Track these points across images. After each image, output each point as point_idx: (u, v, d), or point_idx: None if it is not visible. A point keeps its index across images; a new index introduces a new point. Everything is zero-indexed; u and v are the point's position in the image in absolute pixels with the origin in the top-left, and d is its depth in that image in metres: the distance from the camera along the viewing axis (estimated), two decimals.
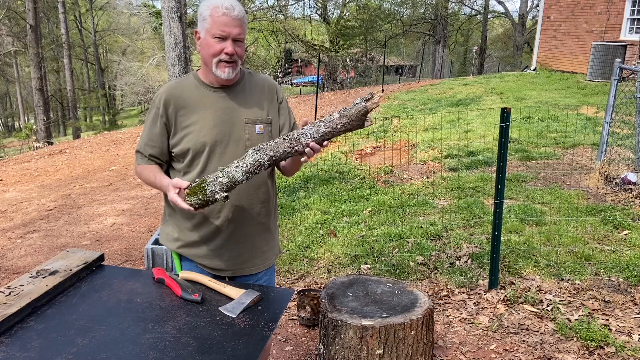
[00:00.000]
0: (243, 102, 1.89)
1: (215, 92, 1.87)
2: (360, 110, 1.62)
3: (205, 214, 1.88)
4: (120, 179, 7.47)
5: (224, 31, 1.75)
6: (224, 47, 1.76)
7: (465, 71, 30.12)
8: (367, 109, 1.62)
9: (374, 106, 1.63)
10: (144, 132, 1.90)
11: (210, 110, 1.84)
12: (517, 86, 12.99)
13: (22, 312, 1.49)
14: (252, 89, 1.93)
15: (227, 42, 1.76)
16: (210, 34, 1.77)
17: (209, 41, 1.78)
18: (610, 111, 5.47)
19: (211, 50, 1.77)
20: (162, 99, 1.84)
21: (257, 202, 1.93)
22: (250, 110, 1.89)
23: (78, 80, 32.61)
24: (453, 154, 7.01)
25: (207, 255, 1.93)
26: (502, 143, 3.21)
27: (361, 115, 1.62)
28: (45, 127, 20.00)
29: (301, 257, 4.06)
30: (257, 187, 1.92)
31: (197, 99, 1.85)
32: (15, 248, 4.75)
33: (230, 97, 1.88)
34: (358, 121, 1.63)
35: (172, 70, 6.47)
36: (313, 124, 1.67)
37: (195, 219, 1.90)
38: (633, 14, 12.88)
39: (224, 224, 1.89)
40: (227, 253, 1.93)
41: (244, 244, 1.94)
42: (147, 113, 1.93)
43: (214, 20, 1.75)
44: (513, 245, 4.02)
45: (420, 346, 2.39)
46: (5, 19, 23.24)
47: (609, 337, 2.83)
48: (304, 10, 48.50)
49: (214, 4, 1.76)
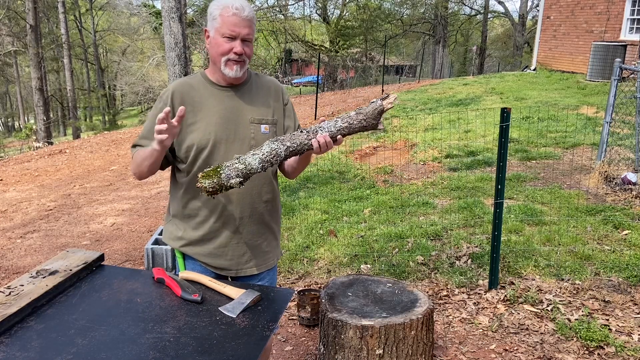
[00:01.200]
0: (249, 101, 1.90)
1: (222, 91, 1.88)
2: (376, 109, 1.68)
3: (208, 212, 1.89)
4: (120, 179, 7.47)
5: (234, 31, 1.76)
6: (232, 47, 1.77)
7: (465, 71, 30.13)
8: (383, 107, 1.67)
9: (390, 106, 1.68)
10: (144, 126, 1.89)
11: (216, 108, 1.85)
12: (517, 86, 12.99)
13: (22, 312, 1.48)
14: (259, 89, 1.94)
15: (236, 41, 1.78)
16: (220, 33, 1.78)
17: (219, 40, 1.79)
18: (610, 111, 5.47)
19: (220, 49, 1.79)
20: (170, 94, 1.85)
21: (260, 201, 1.93)
22: (257, 109, 1.90)
23: (78, 80, 32.61)
24: (453, 154, 7.01)
25: (210, 254, 1.93)
26: (502, 143, 3.21)
27: (377, 114, 1.68)
28: (45, 127, 20.01)
29: (301, 257, 4.06)
30: (261, 186, 1.92)
31: (204, 97, 1.86)
32: (15, 248, 4.75)
33: (237, 96, 1.89)
34: (373, 119, 1.69)
35: (172, 70, 6.47)
36: (330, 120, 1.72)
37: (198, 217, 1.90)
38: (633, 14, 12.88)
39: (227, 222, 1.90)
40: (230, 252, 1.93)
41: (247, 243, 1.94)
42: (152, 109, 1.93)
43: (223, 20, 1.76)
44: (513, 245, 4.02)
45: (420, 346, 2.39)
46: (5, 19, 23.24)
47: (609, 337, 2.83)
48: (304, 10, 48.52)
49: (225, 3, 1.77)
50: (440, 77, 23.00)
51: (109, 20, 34.55)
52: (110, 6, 32.44)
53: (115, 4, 32.40)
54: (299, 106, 14.96)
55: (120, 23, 33.27)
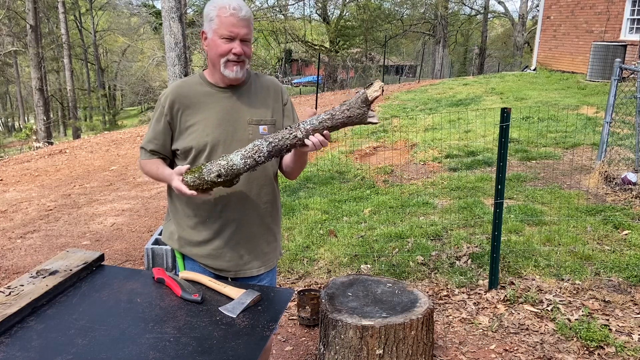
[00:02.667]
0: (248, 102, 1.89)
1: (221, 92, 1.88)
2: (359, 97, 1.59)
3: (207, 214, 1.89)
4: (120, 179, 7.47)
5: (232, 32, 1.75)
6: (231, 47, 1.77)
7: (465, 71, 30.13)
8: (366, 94, 1.58)
9: (375, 94, 1.58)
10: (149, 128, 1.92)
11: (214, 110, 1.85)
12: (517, 86, 12.99)
13: (22, 312, 1.48)
14: (258, 90, 1.94)
15: (235, 42, 1.77)
16: (218, 35, 1.77)
17: (217, 41, 1.78)
18: (610, 111, 5.47)
19: (219, 50, 1.78)
20: (168, 98, 1.85)
21: (260, 202, 1.93)
22: (255, 110, 1.89)
23: (78, 80, 32.59)
24: (453, 154, 7.01)
25: (209, 255, 1.93)
26: (502, 143, 3.21)
27: (360, 103, 1.59)
28: (45, 127, 20.00)
29: (301, 257, 4.06)
30: (261, 187, 1.92)
31: (202, 98, 1.85)
32: (15, 248, 4.75)
33: (235, 97, 1.88)
34: (358, 109, 1.59)
35: (172, 70, 6.47)
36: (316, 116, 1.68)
37: (197, 218, 1.90)
38: (633, 14, 12.88)
39: (226, 224, 1.89)
40: (229, 254, 1.92)
41: (247, 245, 1.94)
42: (153, 110, 1.96)
43: (221, 20, 1.75)
44: (513, 245, 4.02)
45: (420, 346, 2.39)
46: (5, 19, 23.22)
47: (609, 337, 2.83)
48: (304, 10, 48.52)
49: (221, 4, 1.75)
50: (440, 77, 23.00)
51: (109, 20, 34.54)
52: (110, 6, 32.43)
53: (115, 4, 32.40)
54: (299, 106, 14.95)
55: (120, 23, 33.27)
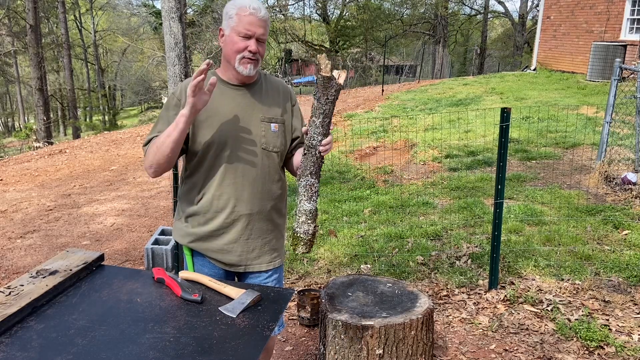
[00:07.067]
0: (260, 100, 1.94)
1: (234, 89, 1.91)
2: (321, 83, 1.68)
3: (219, 209, 1.91)
4: (120, 179, 7.47)
5: (250, 30, 1.81)
6: (247, 45, 1.82)
7: (465, 71, 30.12)
8: (322, 77, 1.67)
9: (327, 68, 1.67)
10: (156, 122, 1.89)
11: (228, 106, 1.89)
12: (517, 86, 12.99)
13: (22, 312, 1.48)
14: (269, 89, 1.99)
15: (252, 40, 1.82)
16: (236, 32, 1.82)
17: (234, 38, 1.83)
18: (610, 111, 5.47)
19: (235, 47, 1.82)
20: (184, 91, 1.86)
21: (270, 198, 1.98)
22: (267, 109, 1.94)
23: (78, 80, 32.61)
24: (453, 154, 7.01)
25: (220, 250, 1.95)
26: (502, 143, 3.21)
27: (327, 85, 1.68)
28: (45, 127, 19.99)
29: (301, 257, 4.06)
30: (271, 183, 1.97)
31: (216, 95, 1.88)
32: (15, 248, 4.75)
33: (249, 94, 1.93)
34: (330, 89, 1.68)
35: (172, 70, 6.47)
36: (310, 125, 1.74)
37: (208, 213, 1.93)
38: (633, 14, 12.88)
39: (237, 219, 1.92)
40: (240, 248, 1.96)
41: (257, 239, 1.98)
42: (162, 108, 1.95)
43: (240, 19, 1.81)
44: (513, 245, 4.02)
45: (420, 346, 2.39)
46: (5, 19, 23.24)
47: (609, 337, 2.84)
48: (304, 10, 48.48)
49: (242, 4, 1.82)
50: (440, 77, 22.99)
51: (109, 20, 34.56)
52: (110, 6, 32.45)
53: (115, 4, 32.41)
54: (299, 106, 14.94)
55: (120, 23, 33.29)
